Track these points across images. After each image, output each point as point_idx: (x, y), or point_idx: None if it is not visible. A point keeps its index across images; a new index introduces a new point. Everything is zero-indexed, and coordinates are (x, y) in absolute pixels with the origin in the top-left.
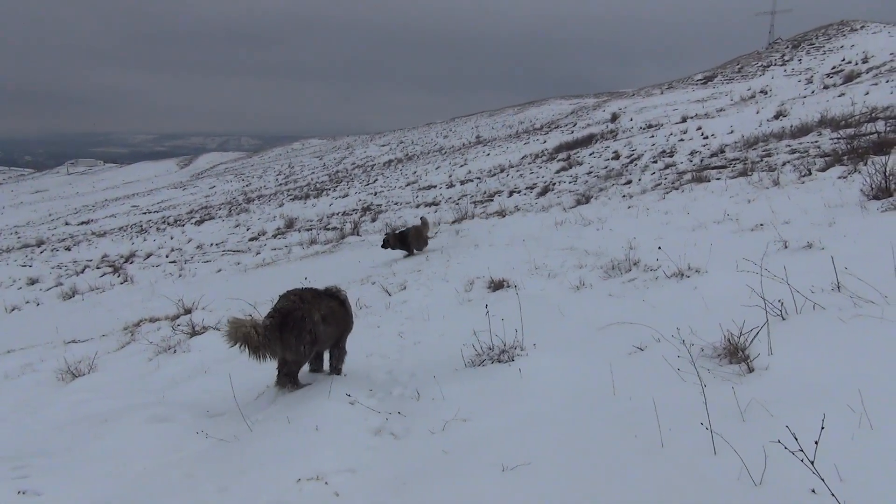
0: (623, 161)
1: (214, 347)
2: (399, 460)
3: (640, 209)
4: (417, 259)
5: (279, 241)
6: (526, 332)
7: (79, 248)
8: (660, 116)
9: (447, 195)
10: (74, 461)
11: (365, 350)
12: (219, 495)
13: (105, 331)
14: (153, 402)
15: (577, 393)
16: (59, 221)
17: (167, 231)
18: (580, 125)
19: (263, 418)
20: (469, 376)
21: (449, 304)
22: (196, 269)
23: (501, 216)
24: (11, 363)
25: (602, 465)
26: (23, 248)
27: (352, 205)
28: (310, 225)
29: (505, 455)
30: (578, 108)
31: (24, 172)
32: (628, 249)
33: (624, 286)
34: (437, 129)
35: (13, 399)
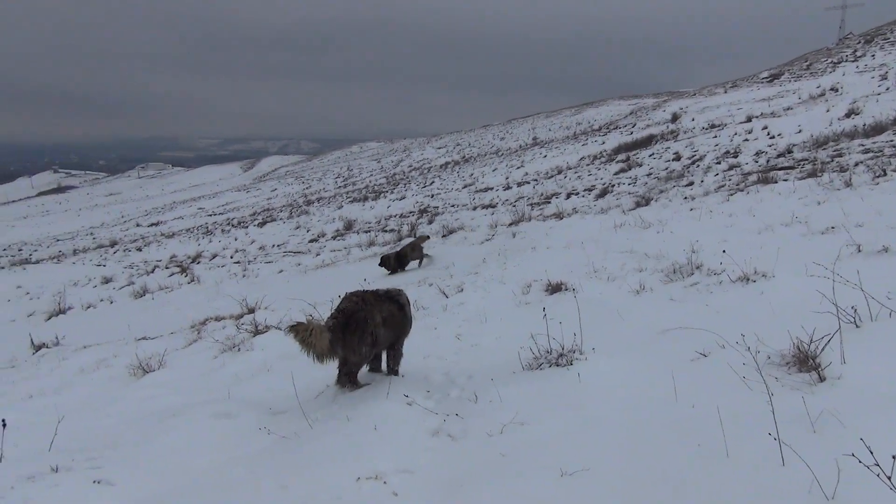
0: (684, 162)
1: (276, 346)
2: (456, 462)
3: (703, 211)
4: (474, 261)
5: (338, 242)
6: (584, 335)
7: (149, 248)
8: (723, 116)
9: (504, 197)
10: (144, 454)
11: (422, 351)
12: (280, 492)
13: (173, 329)
14: (218, 399)
15: (637, 398)
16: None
17: (231, 232)
18: (639, 126)
19: (324, 417)
20: (527, 379)
21: (506, 306)
22: (259, 269)
23: (559, 218)
24: (87, 358)
25: (663, 473)
26: (97, 248)
27: (409, 207)
28: (368, 227)
29: (563, 460)
30: (637, 108)
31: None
32: (690, 253)
33: (686, 290)
34: (494, 130)
35: (88, 392)
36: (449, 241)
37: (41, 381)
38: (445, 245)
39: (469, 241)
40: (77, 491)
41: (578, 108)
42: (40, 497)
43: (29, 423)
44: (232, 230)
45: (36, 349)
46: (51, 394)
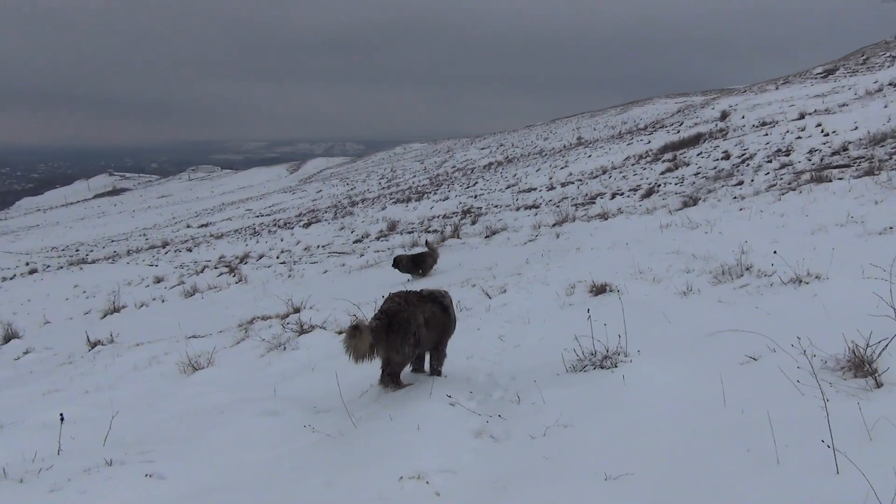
0: (734, 161)
1: (321, 345)
2: (499, 463)
3: (753, 211)
4: (517, 262)
5: (382, 243)
6: (629, 337)
7: (199, 249)
8: (774, 113)
9: (547, 198)
10: (194, 449)
11: (465, 352)
12: (325, 489)
13: (222, 327)
14: (265, 397)
15: (683, 402)
16: (182, 224)
17: (278, 233)
18: (687, 124)
19: (367, 416)
20: (570, 381)
21: (549, 307)
22: (304, 269)
23: (603, 219)
24: (140, 355)
25: (711, 479)
26: (150, 248)
27: (452, 208)
28: (411, 227)
29: (607, 463)
30: (685, 106)
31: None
32: (740, 254)
33: (735, 292)
34: (537, 130)
35: (140, 388)
36: (492, 242)
37: (96, 377)
38: (489, 246)
39: (512, 241)
40: (130, 484)
41: (624, 107)
42: (95, 489)
43: (85, 417)
44: (278, 231)
45: (92, 346)
46: (105, 389)
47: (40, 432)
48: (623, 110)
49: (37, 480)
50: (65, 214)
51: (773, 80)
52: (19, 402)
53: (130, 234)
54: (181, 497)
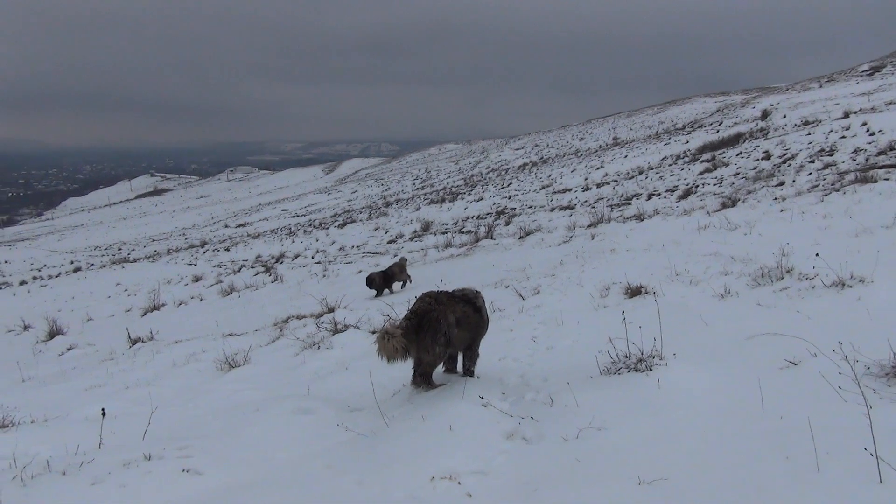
0: (775, 161)
1: (354, 345)
2: (531, 465)
3: (794, 213)
4: (551, 263)
5: (416, 243)
6: (665, 340)
7: (236, 248)
8: (818, 112)
9: (582, 198)
10: (229, 445)
11: (498, 353)
12: (357, 487)
13: (257, 326)
14: (299, 395)
15: (720, 407)
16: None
17: (313, 233)
18: (726, 124)
19: (399, 415)
20: (604, 384)
21: (583, 309)
22: (339, 269)
23: (639, 220)
24: (178, 352)
25: (747, 486)
26: (189, 248)
27: (486, 208)
28: (445, 228)
29: (641, 468)
30: (724, 105)
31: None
32: (780, 256)
33: (775, 295)
34: (573, 131)
35: (179, 385)
36: (526, 243)
37: (136, 374)
38: (522, 247)
39: (546, 242)
40: (168, 478)
41: (661, 107)
42: (134, 483)
43: (125, 412)
44: (314, 231)
45: (132, 343)
46: (145, 385)
47: (83, 426)
48: (660, 110)
49: (79, 473)
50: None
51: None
52: (63, 396)
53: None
54: (217, 492)
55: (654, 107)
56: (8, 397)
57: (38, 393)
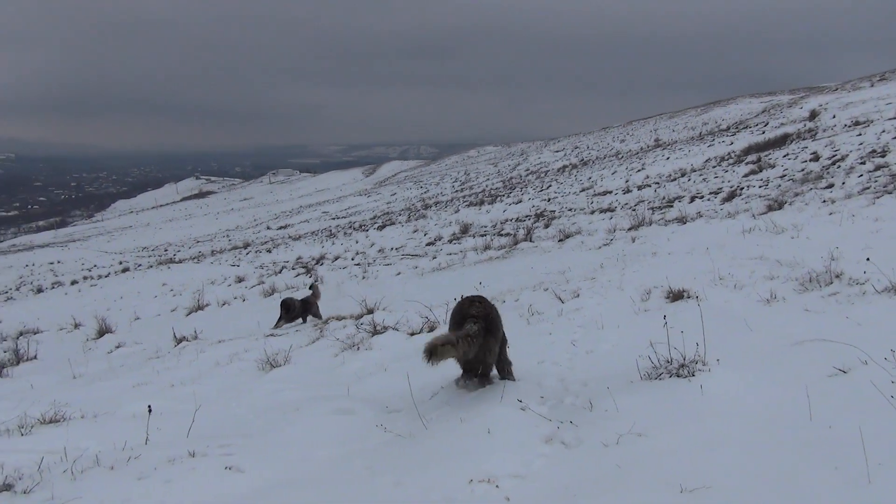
0: (823, 163)
1: (393, 346)
2: (570, 470)
3: (844, 216)
4: (591, 266)
5: (454, 246)
6: (708, 345)
7: (278, 250)
8: (870, 112)
9: (623, 201)
10: (271, 444)
11: (536, 357)
12: (395, 488)
13: (298, 327)
14: (338, 395)
15: (765, 415)
16: (262, 226)
17: (353, 235)
18: (772, 124)
19: (437, 417)
20: (645, 389)
21: (624, 313)
22: (378, 271)
23: (682, 223)
24: (222, 352)
25: (794, 496)
26: (232, 249)
27: (525, 211)
28: (484, 231)
29: (683, 475)
30: (770, 106)
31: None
32: (829, 260)
33: (824, 301)
34: (614, 133)
35: (222, 384)
36: (565, 246)
37: (181, 372)
38: (562, 250)
39: (586, 245)
40: (211, 475)
41: (704, 108)
42: (179, 479)
43: (170, 410)
44: (353, 233)
45: (177, 342)
46: (189, 384)
47: (130, 423)
48: (704, 111)
49: (126, 468)
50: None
51: (867, 76)
52: (111, 393)
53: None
54: (258, 490)
55: (698, 107)
56: (59, 393)
57: (88, 389)
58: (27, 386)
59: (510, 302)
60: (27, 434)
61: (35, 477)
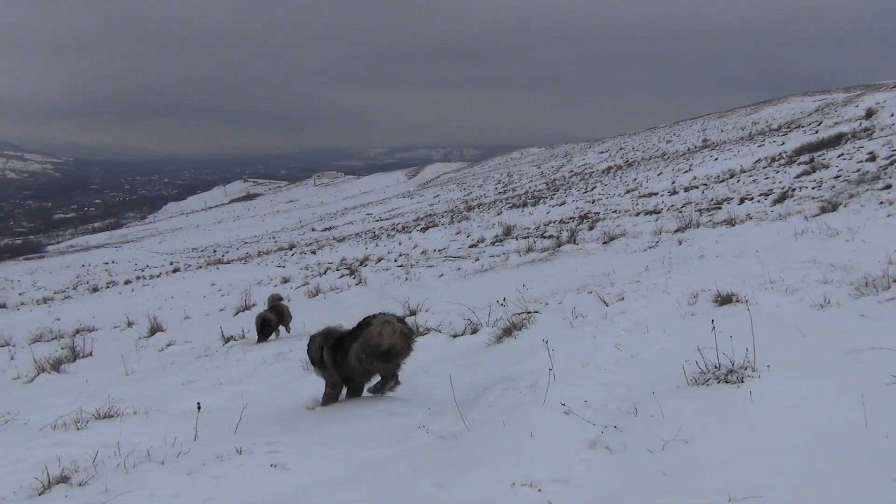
0: (881, 163)
1: (436, 348)
2: (614, 476)
3: None
4: (636, 269)
5: (497, 248)
6: (758, 351)
7: (322, 251)
8: None
9: (669, 203)
10: (315, 443)
11: (580, 360)
12: (438, 489)
13: None
14: (381, 397)
15: (818, 423)
16: (307, 228)
17: (396, 237)
18: (826, 124)
19: (480, 420)
20: (691, 395)
21: (670, 317)
22: (420, 273)
23: (730, 225)
24: (268, 351)
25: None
26: (278, 250)
27: (569, 213)
28: (527, 233)
29: (730, 484)
30: (824, 104)
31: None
32: (886, 264)
33: (881, 306)
34: (660, 133)
35: (268, 383)
36: (610, 248)
37: (229, 371)
38: (606, 252)
39: (631, 247)
40: (257, 472)
41: (754, 107)
42: (226, 475)
43: (218, 407)
44: (396, 235)
45: (225, 341)
46: (237, 382)
47: (180, 419)
48: (754, 110)
49: (176, 463)
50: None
51: None
52: (162, 390)
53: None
54: (303, 488)
55: (747, 107)
56: (113, 389)
57: (140, 386)
58: (83, 382)
59: (553, 304)
60: (83, 428)
61: (90, 470)
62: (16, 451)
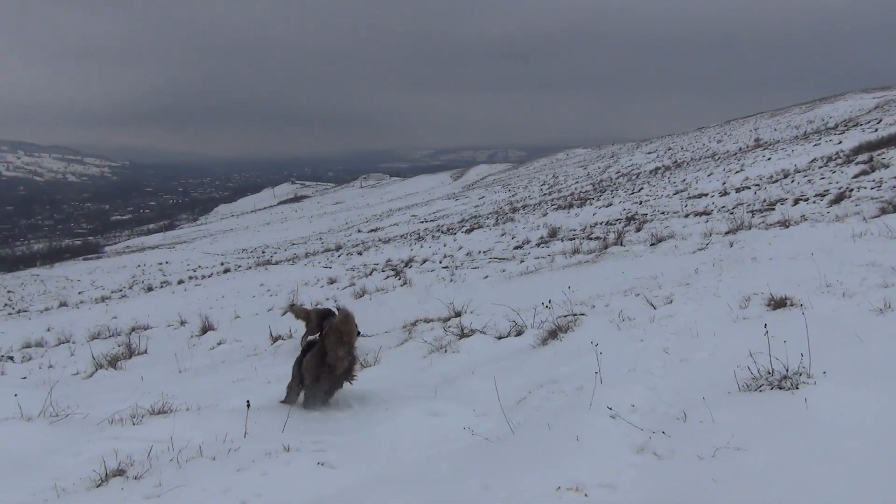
0: None
1: (480, 350)
2: (663, 482)
3: None
4: (685, 271)
5: (542, 249)
6: (813, 357)
7: (368, 252)
8: None
9: (720, 204)
10: (360, 442)
11: (627, 364)
12: (482, 491)
13: (387, 328)
14: (426, 397)
15: (879, 433)
16: (353, 229)
17: (441, 238)
18: (886, 121)
19: (525, 422)
20: (743, 401)
21: (720, 320)
22: (465, 274)
23: (784, 226)
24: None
25: None
26: (325, 252)
27: (615, 214)
28: (573, 234)
29: (784, 494)
30: (885, 101)
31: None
32: None
33: None
34: (710, 133)
35: None
36: (658, 250)
37: (277, 369)
38: (654, 254)
39: (680, 249)
40: (304, 470)
41: (810, 105)
42: (275, 472)
43: (267, 405)
44: (441, 236)
45: (273, 340)
46: (284, 380)
47: (230, 416)
48: (808, 108)
49: (226, 459)
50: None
51: None
52: (213, 388)
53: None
54: (349, 487)
55: (802, 105)
56: (167, 386)
57: (192, 383)
58: (138, 378)
59: (600, 307)
60: (138, 424)
61: (145, 464)
62: (75, 443)
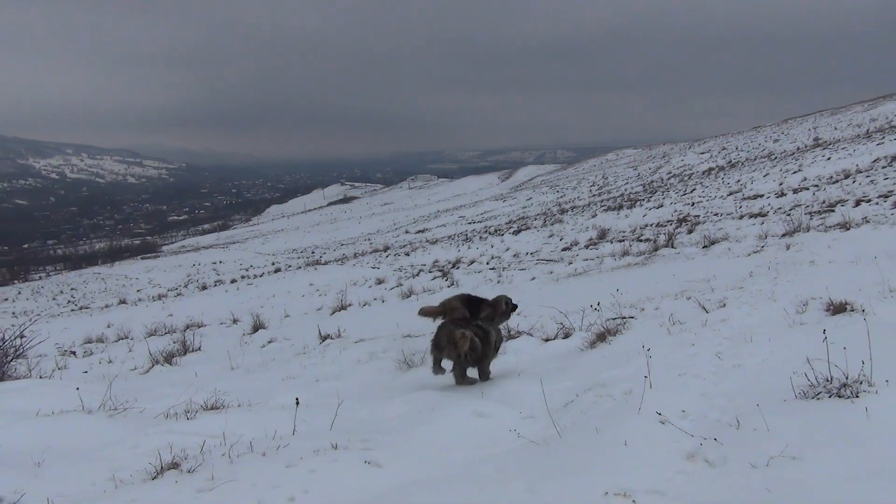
0: None
1: (527, 351)
2: (714, 490)
3: None
4: (739, 274)
5: (591, 251)
6: (875, 364)
7: (415, 253)
8: None
9: (776, 205)
10: (407, 442)
11: (677, 369)
12: (528, 494)
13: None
14: (472, 398)
15: None
16: (401, 230)
17: (488, 240)
18: None
19: (572, 425)
20: (800, 409)
21: (776, 325)
22: (512, 276)
23: (845, 229)
24: (362, 350)
25: None
26: (373, 252)
27: (666, 216)
28: (622, 236)
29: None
30: None
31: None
32: None
33: None
34: (766, 132)
35: (362, 381)
36: (710, 253)
37: (325, 368)
38: (706, 256)
39: (733, 252)
40: (351, 468)
41: (872, 102)
42: (323, 469)
43: (315, 403)
44: (489, 237)
45: (322, 339)
46: (333, 379)
47: (279, 413)
48: (871, 106)
49: (276, 456)
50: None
51: None
52: (264, 385)
53: (357, 238)
54: (396, 486)
55: (864, 102)
56: (220, 383)
57: (244, 380)
58: (192, 374)
59: (650, 310)
60: (192, 419)
61: (198, 458)
62: (133, 436)
